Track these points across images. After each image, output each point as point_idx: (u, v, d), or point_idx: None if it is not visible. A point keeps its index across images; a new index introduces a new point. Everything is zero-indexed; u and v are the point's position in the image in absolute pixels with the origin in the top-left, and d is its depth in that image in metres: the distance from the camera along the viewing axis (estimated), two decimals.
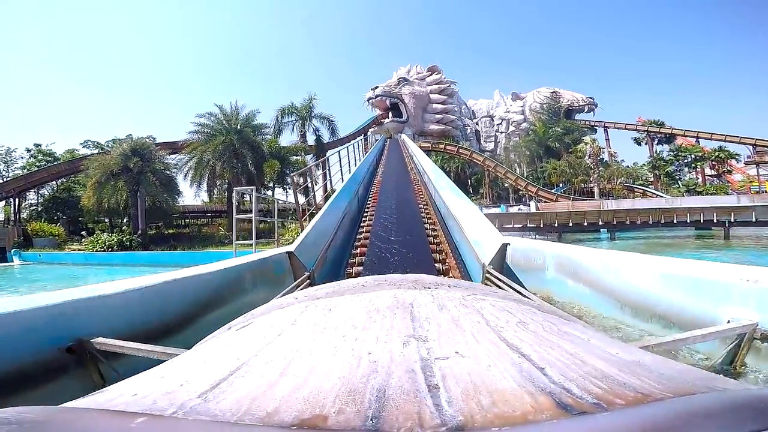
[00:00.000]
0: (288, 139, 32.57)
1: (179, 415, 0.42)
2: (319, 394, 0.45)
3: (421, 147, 23.67)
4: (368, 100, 45.92)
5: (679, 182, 42.58)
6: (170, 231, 28.83)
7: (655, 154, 44.11)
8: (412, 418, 0.39)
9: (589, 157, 36.49)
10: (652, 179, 42.92)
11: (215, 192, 28.26)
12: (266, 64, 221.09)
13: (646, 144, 46.70)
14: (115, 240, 22.91)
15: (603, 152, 39.72)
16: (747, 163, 41.72)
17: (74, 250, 22.89)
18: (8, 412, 0.40)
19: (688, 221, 23.09)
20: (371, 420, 0.40)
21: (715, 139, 41.20)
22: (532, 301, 1.09)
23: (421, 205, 7.03)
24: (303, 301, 0.96)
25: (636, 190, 39.83)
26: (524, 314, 0.82)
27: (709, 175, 43.47)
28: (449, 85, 47.05)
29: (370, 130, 41.62)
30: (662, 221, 23.41)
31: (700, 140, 42.66)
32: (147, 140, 28.11)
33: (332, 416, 0.41)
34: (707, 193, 37.66)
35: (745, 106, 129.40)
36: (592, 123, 48.20)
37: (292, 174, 10.91)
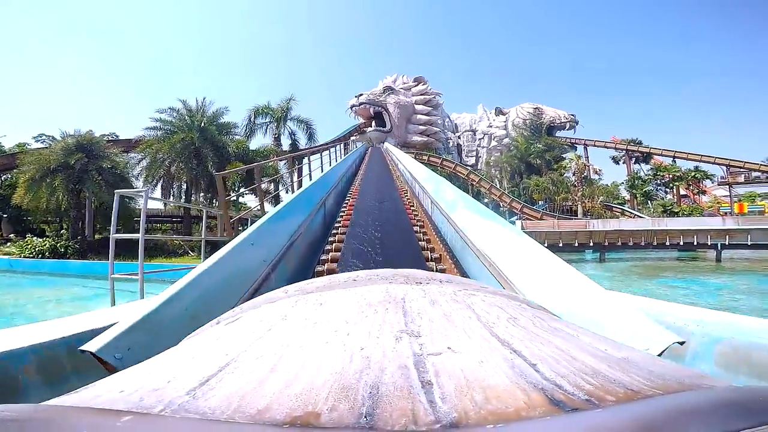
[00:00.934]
0: (261, 142, 29.21)
1: (167, 413, 0.40)
2: (311, 390, 0.43)
3: None
4: (351, 108, 43.02)
5: (651, 202, 41.71)
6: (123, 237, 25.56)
7: (633, 173, 43.34)
8: (406, 414, 0.38)
9: (574, 174, 34.84)
10: (628, 198, 42.05)
11: (170, 196, 24.43)
12: (249, 66, 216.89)
13: (623, 163, 46.12)
14: (48, 245, 19.40)
15: (587, 170, 38.30)
16: (720, 184, 41.53)
17: (3, 254, 19.45)
18: None
19: (681, 243, 21.94)
20: (365, 417, 0.38)
21: (692, 159, 40.60)
22: (521, 297, 1.02)
23: (416, 227, 4.68)
24: (293, 295, 0.91)
25: (614, 209, 38.84)
26: (514, 310, 0.79)
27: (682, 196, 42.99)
28: (434, 97, 44.83)
29: (351, 138, 39.10)
30: (654, 242, 22.15)
31: (676, 160, 42.11)
32: (98, 136, 24.37)
33: (325, 413, 0.39)
34: (683, 214, 37.31)
35: (719, 127, 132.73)
36: (573, 141, 47.30)
37: (217, 173, 8.12)
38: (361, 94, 42.09)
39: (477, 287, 0.97)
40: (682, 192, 41.96)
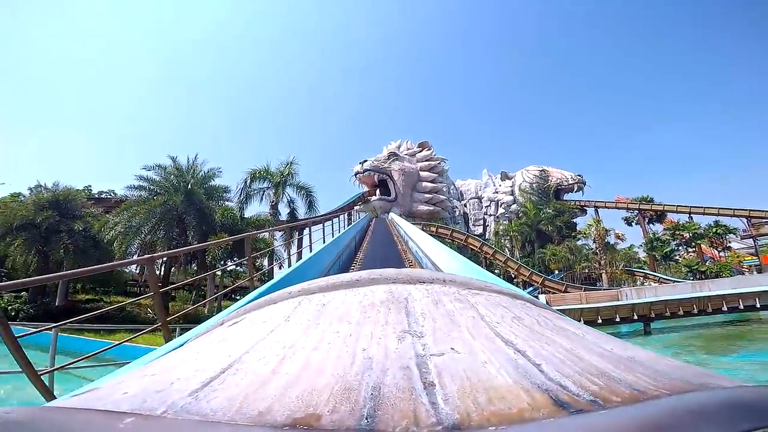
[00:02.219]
0: (257, 210, 25.19)
1: (169, 415, 0.40)
2: (312, 392, 0.43)
3: None
4: (355, 175, 40.59)
5: (668, 262, 38.81)
6: (100, 302, 21.16)
7: (651, 234, 40.62)
8: (407, 416, 0.38)
9: (594, 241, 31.66)
10: (643, 258, 39.01)
11: (145, 268, 20.40)
12: (250, 133, 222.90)
13: (636, 224, 43.69)
14: None
15: (609, 234, 35.36)
16: (743, 238, 38.64)
17: None
18: None
19: (741, 306, 18.66)
20: (366, 419, 0.38)
21: (709, 214, 38.07)
22: (526, 296, 1.00)
23: None
24: (296, 296, 0.88)
25: (636, 273, 35.64)
26: (519, 309, 0.78)
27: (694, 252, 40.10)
28: (439, 163, 42.96)
29: (355, 207, 36.81)
30: (709, 309, 18.80)
31: (693, 216, 39.37)
32: (77, 191, 20.98)
33: (326, 415, 0.39)
34: (711, 273, 33.96)
35: (733, 177, 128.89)
36: (582, 203, 45.11)
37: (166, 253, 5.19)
38: (365, 161, 39.95)
39: (481, 286, 0.93)
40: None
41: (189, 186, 19.83)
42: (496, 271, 32.15)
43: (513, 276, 30.67)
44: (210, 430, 0.37)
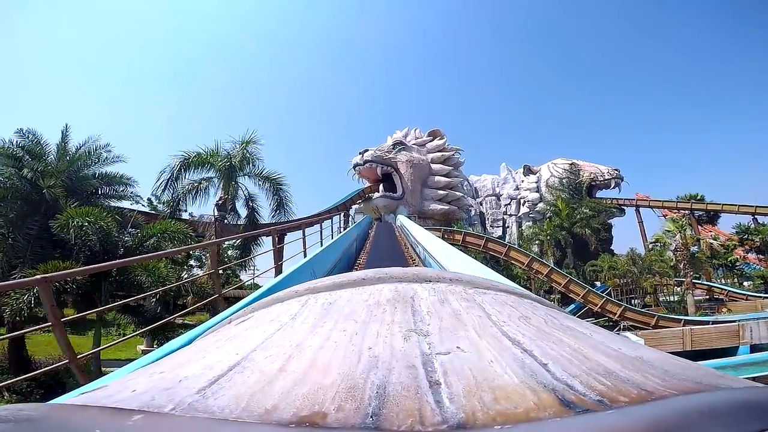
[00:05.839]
0: (201, 209, 15.90)
1: (177, 412, 0.40)
2: (318, 390, 0.43)
3: None
4: (354, 168, 33.16)
5: (733, 273, 33.00)
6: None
7: (712, 238, 33.12)
8: (412, 415, 0.38)
9: (676, 251, 23.34)
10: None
11: None
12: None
13: (685, 226, 36.31)
14: None
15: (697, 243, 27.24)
16: None
17: None
18: (5, 409, 0.39)
19: None
20: (371, 417, 0.38)
21: None
22: (533, 295, 0.99)
23: None
24: (303, 294, 0.88)
25: (699, 286, 28.16)
26: (526, 308, 0.77)
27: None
28: (454, 154, 35.32)
29: (353, 207, 28.93)
30: None
31: (757, 217, 32.96)
32: None
33: (332, 413, 0.39)
34: None
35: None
36: (620, 201, 38.10)
37: None
38: (365, 150, 32.72)
39: (488, 285, 0.93)
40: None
41: (33, 178, 11.17)
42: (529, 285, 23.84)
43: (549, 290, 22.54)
44: (217, 428, 0.37)
